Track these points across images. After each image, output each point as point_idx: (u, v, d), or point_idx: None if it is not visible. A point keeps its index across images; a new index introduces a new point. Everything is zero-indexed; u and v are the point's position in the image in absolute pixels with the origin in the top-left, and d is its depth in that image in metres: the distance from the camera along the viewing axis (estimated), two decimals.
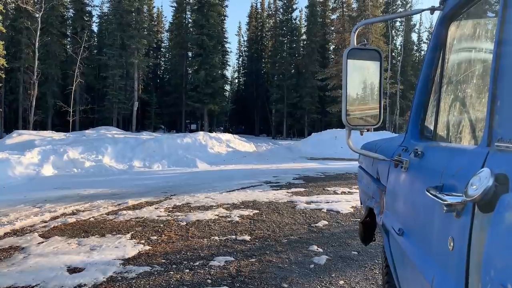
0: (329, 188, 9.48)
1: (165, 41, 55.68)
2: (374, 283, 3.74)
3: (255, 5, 61.81)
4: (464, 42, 1.59)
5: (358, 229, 2.94)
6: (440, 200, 1.01)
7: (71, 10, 42.92)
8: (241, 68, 65.28)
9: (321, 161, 17.80)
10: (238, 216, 6.44)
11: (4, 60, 26.13)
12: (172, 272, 3.97)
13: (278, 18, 50.59)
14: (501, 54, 0.98)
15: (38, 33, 29.63)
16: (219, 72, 43.05)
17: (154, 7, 52.26)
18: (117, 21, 39.04)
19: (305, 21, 50.06)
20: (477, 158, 0.98)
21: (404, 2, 44.13)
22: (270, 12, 55.77)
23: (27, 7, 29.56)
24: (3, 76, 27.83)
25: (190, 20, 44.82)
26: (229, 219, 6.28)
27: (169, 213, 6.66)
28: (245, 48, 62.66)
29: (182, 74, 44.49)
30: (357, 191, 4.58)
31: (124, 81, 38.86)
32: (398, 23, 45.59)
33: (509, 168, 0.82)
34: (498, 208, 0.78)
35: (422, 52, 49.52)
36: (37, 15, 29.88)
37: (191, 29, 43.64)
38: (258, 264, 4.25)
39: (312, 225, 5.95)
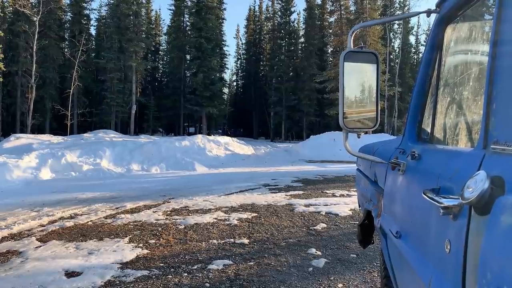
0: (327, 191, 9.48)
1: (163, 44, 55.73)
2: (372, 286, 3.73)
3: (253, 8, 61.94)
4: (461, 44, 1.59)
5: (357, 232, 2.93)
6: (436, 203, 1.01)
7: (69, 14, 42.91)
8: (240, 71, 65.38)
9: (320, 163, 17.80)
10: (236, 219, 6.43)
11: (2, 63, 26.12)
12: (170, 276, 3.96)
13: (276, 21, 50.74)
14: (497, 56, 0.98)
15: (36, 37, 29.57)
16: (217, 75, 43.10)
17: (152, 10, 52.55)
18: (115, 25, 39.06)
19: (303, 23, 50.22)
20: (473, 161, 0.98)
21: (402, 5, 44.28)
22: (268, 15, 55.91)
23: (25, 10, 29.52)
24: (1, 79, 27.85)
25: (188, 23, 44.89)
26: (227, 222, 6.27)
27: (168, 217, 6.64)
28: (243, 51, 62.75)
29: (180, 77, 44.51)
30: (356, 193, 4.57)
31: (122, 84, 38.84)
32: (396, 26, 45.78)
33: (505, 171, 0.82)
34: (494, 211, 0.78)
35: (420, 55, 49.67)
36: (35, 19, 29.83)
37: (189, 32, 43.71)
38: (257, 267, 4.24)
39: (310, 228, 5.95)
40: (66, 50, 40.77)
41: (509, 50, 0.95)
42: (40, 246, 4.95)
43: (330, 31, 45.49)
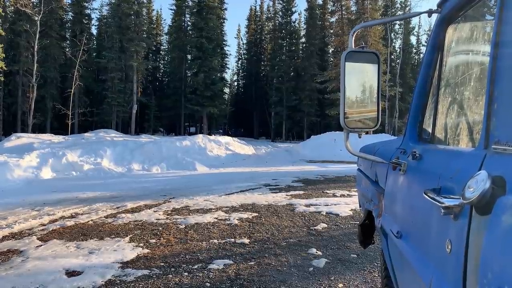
0: (328, 191, 9.48)
1: (164, 44, 55.74)
2: (373, 286, 3.73)
3: (254, 8, 61.95)
4: (462, 44, 1.59)
5: (357, 232, 2.93)
6: (437, 203, 1.01)
7: (70, 13, 42.91)
8: (240, 71, 65.37)
9: (320, 163, 17.80)
10: (237, 219, 6.43)
11: (3, 63, 26.11)
12: (170, 276, 3.96)
13: (277, 21, 50.70)
14: (498, 56, 0.98)
15: (37, 36, 29.60)
16: (218, 75, 43.11)
17: (153, 10, 52.48)
18: (116, 24, 39.06)
19: (304, 24, 50.22)
20: (475, 161, 0.98)
21: (403, 5, 44.25)
22: (269, 15, 55.86)
23: (26, 10, 29.52)
24: (2, 79, 27.81)
25: (189, 23, 44.87)
26: (228, 222, 6.27)
27: (168, 216, 6.65)
28: (244, 51, 62.74)
29: (181, 77, 44.50)
30: (356, 193, 4.57)
31: (123, 84, 38.84)
32: (397, 26, 45.74)
33: (506, 171, 0.82)
34: (495, 211, 0.78)
35: (421, 55, 49.61)
36: (36, 18, 29.85)
37: (190, 32, 43.69)
38: (257, 267, 4.24)
39: (311, 228, 5.95)
40: (67, 49, 40.72)
41: (510, 51, 0.95)
42: (41, 245, 4.96)
43: (331, 31, 45.43)
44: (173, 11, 47.56)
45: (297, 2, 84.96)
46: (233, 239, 5.29)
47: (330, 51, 47.30)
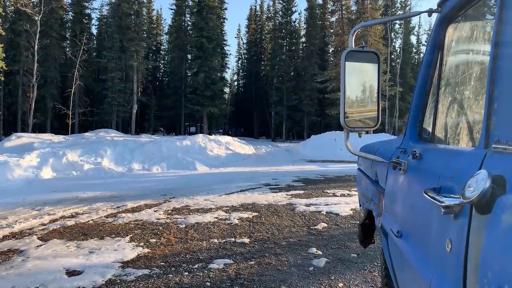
0: (328, 191, 9.48)
1: (165, 44, 55.73)
2: (373, 286, 3.73)
3: (254, 7, 61.95)
4: (462, 44, 1.59)
5: (357, 232, 2.94)
6: (438, 202, 1.01)
7: (70, 13, 42.92)
8: (241, 70, 65.36)
9: (321, 163, 17.79)
10: (237, 219, 6.43)
11: (3, 63, 26.09)
12: (171, 275, 3.96)
13: (277, 21, 50.70)
14: (498, 56, 0.98)
15: (37, 36, 29.60)
16: (219, 74, 43.09)
17: (153, 10, 52.50)
18: (117, 24, 39.07)
19: (304, 23, 50.20)
20: (475, 160, 0.98)
21: (403, 5, 44.23)
22: (269, 15, 55.84)
23: (26, 9, 29.52)
24: (2, 79, 27.78)
25: (189, 23, 44.87)
26: (228, 221, 6.27)
27: (168, 216, 6.65)
28: (245, 51, 62.72)
29: (182, 76, 44.48)
30: (356, 193, 4.57)
31: (124, 84, 38.85)
32: (397, 26, 45.73)
33: (506, 170, 0.82)
34: (496, 210, 0.78)
35: (421, 54, 49.59)
36: (37, 18, 29.85)
37: (191, 31, 43.69)
38: (257, 266, 4.24)
39: (311, 227, 5.95)
40: (67, 49, 40.72)
41: (510, 51, 0.95)
42: (41, 245, 4.96)
43: (331, 30, 45.49)
44: (173, 11, 47.57)
45: (297, 1, 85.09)
46: (233, 239, 5.29)
47: (330, 50, 47.29)
